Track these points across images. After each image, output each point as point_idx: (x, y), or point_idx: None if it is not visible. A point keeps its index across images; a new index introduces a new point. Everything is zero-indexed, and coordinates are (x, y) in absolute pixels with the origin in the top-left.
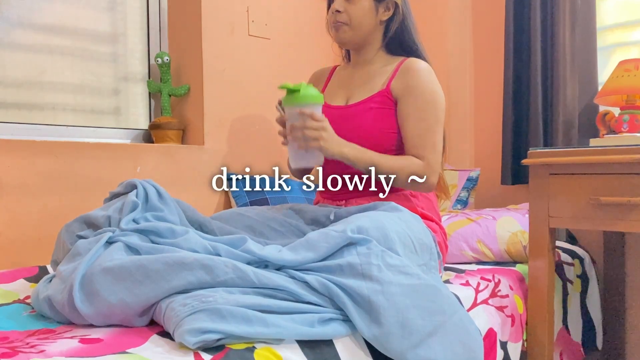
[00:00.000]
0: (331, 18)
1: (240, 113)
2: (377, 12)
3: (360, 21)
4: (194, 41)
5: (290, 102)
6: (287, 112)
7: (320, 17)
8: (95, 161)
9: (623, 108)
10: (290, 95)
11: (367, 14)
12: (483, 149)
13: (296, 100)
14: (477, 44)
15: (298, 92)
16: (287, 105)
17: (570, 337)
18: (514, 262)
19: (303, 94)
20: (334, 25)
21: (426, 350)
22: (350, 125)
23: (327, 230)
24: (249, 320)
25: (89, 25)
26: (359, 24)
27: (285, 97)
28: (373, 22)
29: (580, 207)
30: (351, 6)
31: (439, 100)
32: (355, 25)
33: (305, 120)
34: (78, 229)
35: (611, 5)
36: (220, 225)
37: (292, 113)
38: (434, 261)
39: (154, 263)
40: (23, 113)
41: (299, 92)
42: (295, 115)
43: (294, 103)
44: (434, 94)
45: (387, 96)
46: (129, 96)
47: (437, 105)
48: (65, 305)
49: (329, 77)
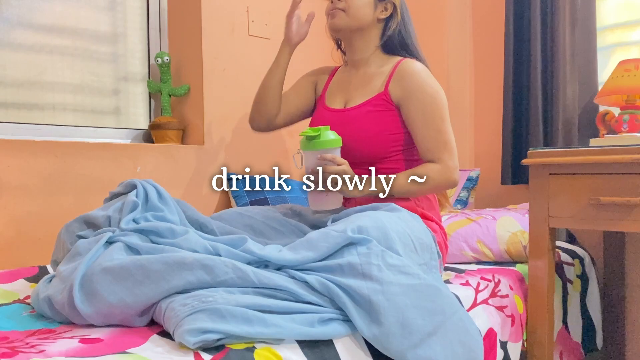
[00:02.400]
0: (329, 6)
1: (240, 113)
2: (376, 8)
3: (357, 10)
4: (194, 41)
5: (310, 148)
6: (306, 157)
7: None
8: (95, 161)
9: (623, 108)
10: (311, 142)
11: (366, 5)
12: (483, 149)
13: (316, 147)
14: (477, 44)
15: (318, 137)
16: (306, 151)
17: (570, 337)
18: (514, 262)
19: (323, 140)
20: (331, 12)
21: (426, 350)
22: (349, 129)
23: (327, 230)
24: (249, 320)
25: (89, 25)
26: (356, 12)
27: (305, 143)
28: (370, 17)
29: (580, 207)
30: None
31: (440, 98)
32: (352, 13)
33: (327, 165)
34: (78, 229)
35: (611, 5)
36: (220, 225)
37: (311, 158)
38: (434, 260)
39: (154, 263)
40: (23, 113)
41: (319, 138)
42: (315, 160)
43: (314, 149)
44: (434, 94)
45: (386, 99)
46: (129, 96)
47: (439, 104)
48: (65, 305)
49: (330, 78)
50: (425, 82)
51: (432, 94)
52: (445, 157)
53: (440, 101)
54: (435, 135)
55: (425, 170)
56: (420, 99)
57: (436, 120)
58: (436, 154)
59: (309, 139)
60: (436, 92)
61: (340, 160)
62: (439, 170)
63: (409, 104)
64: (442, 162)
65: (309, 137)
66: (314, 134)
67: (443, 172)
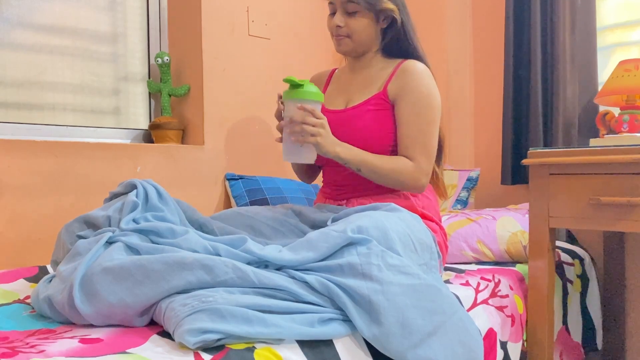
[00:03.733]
0: (333, 30)
1: (240, 113)
2: (378, 22)
3: (361, 33)
4: (194, 41)
5: (292, 96)
6: (287, 106)
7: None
8: (95, 161)
9: (623, 108)
10: (293, 90)
11: (368, 26)
12: (483, 149)
13: (299, 95)
14: (477, 44)
15: (302, 87)
16: (288, 99)
17: (570, 337)
18: (514, 262)
19: (306, 90)
20: (336, 37)
21: (426, 350)
22: (348, 127)
23: (327, 230)
24: (249, 320)
25: (89, 25)
26: (359, 37)
27: (288, 91)
28: (374, 33)
29: (580, 207)
30: (352, 20)
31: (433, 101)
32: (357, 39)
33: (306, 115)
34: (78, 229)
35: (611, 5)
36: (220, 225)
37: (292, 107)
38: (434, 260)
39: (154, 263)
40: (23, 113)
41: (303, 87)
42: (295, 109)
43: (296, 97)
44: (429, 96)
45: (384, 98)
46: (129, 96)
47: (431, 106)
48: (65, 305)
49: (328, 81)
50: (422, 83)
51: (427, 95)
52: (422, 159)
53: (432, 103)
54: (417, 134)
55: (398, 161)
56: (413, 97)
57: (423, 120)
58: (412, 152)
59: (292, 87)
60: (431, 94)
61: (319, 114)
62: (410, 168)
63: (402, 100)
64: (415, 162)
65: (293, 85)
66: (299, 82)
67: (413, 172)
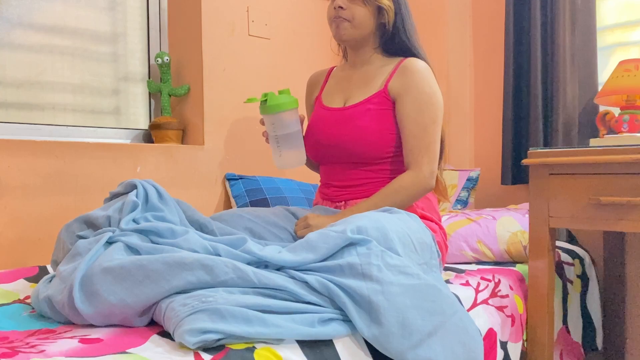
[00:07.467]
0: (333, 12)
1: (240, 113)
2: (379, 14)
3: (361, 21)
4: (194, 41)
5: (263, 112)
6: (265, 121)
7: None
8: (95, 161)
9: (623, 108)
10: (262, 106)
11: (367, 16)
12: (483, 149)
13: (267, 112)
14: (477, 44)
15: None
16: (263, 116)
17: (570, 337)
18: (514, 262)
19: (271, 105)
20: (335, 20)
21: (426, 351)
22: (348, 127)
23: (326, 231)
24: (249, 320)
25: (89, 25)
26: (361, 22)
27: (260, 107)
28: (374, 24)
29: (580, 207)
30: (354, 5)
31: (436, 100)
32: (357, 24)
33: (294, 225)
34: (78, 229)
35: (611, 5)
36: (220, 225)
37: (268, 122)
38: (434, 259)
39: (154, 263)
40: (23, 113)
41: (267, 104)
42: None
43: (265, 114)
44: (431, 95)
45: (385, 96)
46: (129, 96)
47: (434, 105)
48: (65, 305)
49: (326, 79)
50: (425, 81)
51: (429, 94)
52: (424, 161)
53: (435, 102)
54: (421, 134)
55: (398, 184)
56: (416, 95)
57: (426, 119)
58: (416, 156)
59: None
60: (434, 93)
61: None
62: (412, 181)
63: (404, 99)
64: (417, 168)
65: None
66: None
67: (417, 182)
